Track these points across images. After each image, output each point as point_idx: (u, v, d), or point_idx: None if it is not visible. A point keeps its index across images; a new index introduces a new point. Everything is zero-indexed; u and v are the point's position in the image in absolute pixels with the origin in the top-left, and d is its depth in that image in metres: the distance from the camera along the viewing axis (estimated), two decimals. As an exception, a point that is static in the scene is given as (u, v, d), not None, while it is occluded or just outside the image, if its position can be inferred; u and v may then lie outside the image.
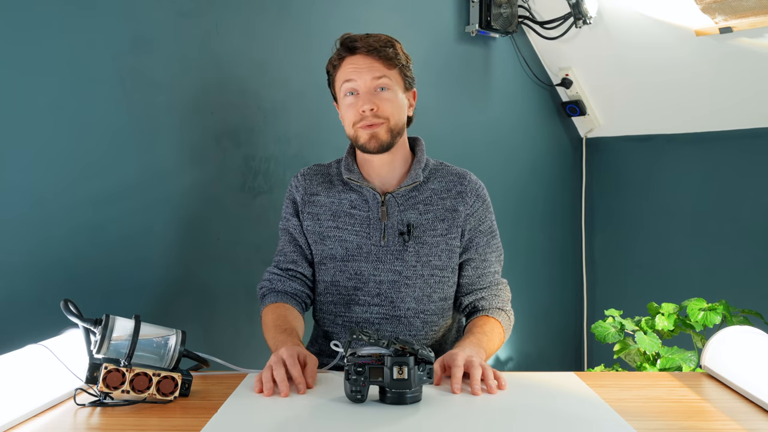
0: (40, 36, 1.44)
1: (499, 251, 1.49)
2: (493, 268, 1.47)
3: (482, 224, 1.45)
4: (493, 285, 1.46)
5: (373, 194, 1.41)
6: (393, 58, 1.36)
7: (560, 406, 1.08)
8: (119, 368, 1.07)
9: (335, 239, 1.42)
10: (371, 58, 1.35)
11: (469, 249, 1.44)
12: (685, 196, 2.53)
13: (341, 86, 1.38)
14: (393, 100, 1.37)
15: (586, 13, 2.31)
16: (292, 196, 1.47)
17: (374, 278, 1.40)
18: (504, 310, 1.44)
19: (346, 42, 1.37)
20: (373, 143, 1.36)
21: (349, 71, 1.36)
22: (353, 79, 1.35)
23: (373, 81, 1.35)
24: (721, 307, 1.76)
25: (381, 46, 1.35)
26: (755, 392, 1.09)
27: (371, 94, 1.35)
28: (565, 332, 2.88)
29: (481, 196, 1.45)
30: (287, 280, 1.45)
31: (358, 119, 1.36)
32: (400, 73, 1.39)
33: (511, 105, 2.62)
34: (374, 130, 1.35)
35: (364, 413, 1.04)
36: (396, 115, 1.37)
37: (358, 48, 1.35)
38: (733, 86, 2.24)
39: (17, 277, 1.43)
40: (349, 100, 1.37)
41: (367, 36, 1.37)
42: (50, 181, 1.47)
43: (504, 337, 1.42)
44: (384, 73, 1.36)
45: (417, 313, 1.41)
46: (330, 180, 1.46)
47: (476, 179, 1.47)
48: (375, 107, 1.34)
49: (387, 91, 1.36)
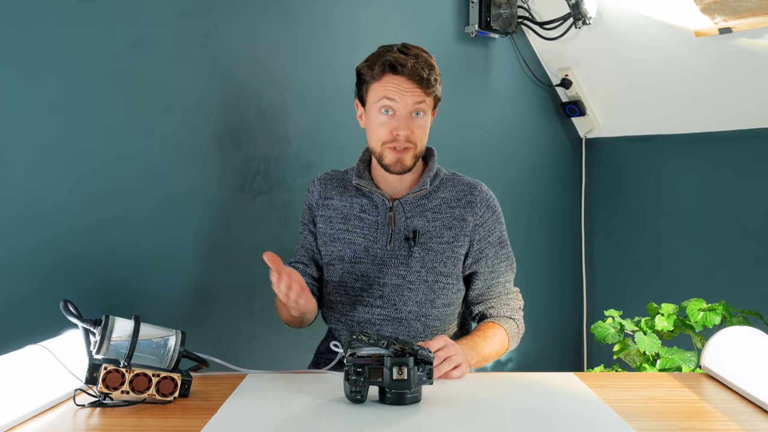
0: (40, 35, 1.44)
1: (510, 260, 1.50)
2: (503, 278, 1.49)
3: (491, 235, 1.46)
4: (504, 294, 1.49)
5: (382, 200, 1.43)
6: (433, 84, 1.36)
7: (560, 406, 1.08)
8: (119, 369, 1.07)
9: (344, 241, 1.44)
10: (414, 83, 1.34)
11: (479, 261, 1.45)
12: (685, 196, 2.53)
13: (378, 100, 1.36)
14: (424, 127, 1.39)
15: (585, 14, 2.31)
16: (309, 201, 1.52)
17: (378, 281, 1.42)
18: (513, 319, 1.46)
19: (395, 63, 1.33)
20: (398, 167, 1.38)
21: (391, 90, 1.34)
22: (394, 99, 1.34)
23: (414, 105, 1.35)
24: (720, 308, 1.76)
25: (426, 75, 1.34)
26: (755, 393, 1.09)
27: (408, 119, 1.36)
28: (564, 333, 2.88)
29: (491, 207, 1.46)
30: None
31: (390, 140, 1.37)
32: (433, 97, 1.39)
33: (510, 105, 2.62)
34: (402, 155, 1.37)
35: (363, 413, 1.04)
36: (423, 140, 1.40)
37: (402, 72, 1.34)
38: (733, 87, 2.25)
39: (17, 277, 1.43)
40: (383, 119, 1.37)
41: (414, 57, 1.34)
42: (50, 181, 1.47)
43: (508, 344, 1.43)
44: (423, 99, 1.36)
45: (418, 317, 1.42)
46: (344, 185, 1.49)
47: (487, 190, 1.48)
48: (410, 132, 1.36)
49: (422, 117, 1.37)
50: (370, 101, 1.39)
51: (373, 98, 1.37)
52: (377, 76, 1.36)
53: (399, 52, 1.35)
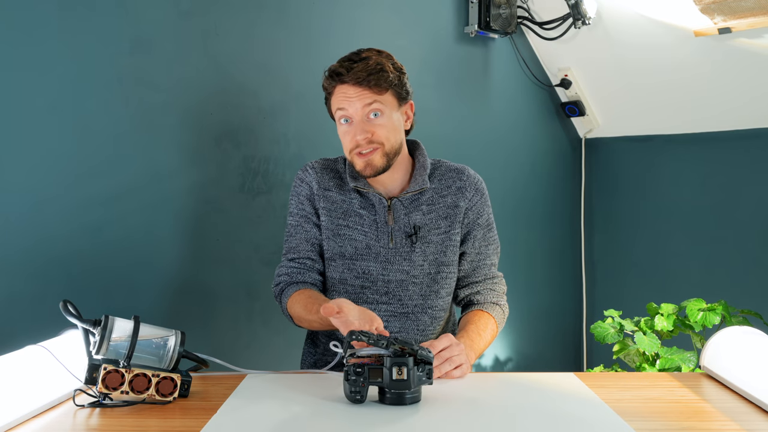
0: (40, 36, 1.44)
1: (496, 244, 1.52)
2: (490, 261, 1.51)
3: (480, 217, 1.48)
4: (489, 278, 1.50)
5: (379, 199, 1.43)
6: (384, 81, 1.35)
7: (559, 406, 1.08)
8: (118, 369, 1.06)
9: (346, 237, 1.43)
10: (361, 87, 1.34)
11: (466, 241, 1.48)
12: (684, 196, 2.53)
13: (335, 113, 1.39)
14: (386, 125, 1.37)
15: (585, 14, 2.31)
16: (307, 187, 1.45)
17: (383, 278, 1.42)
18: (498, 305, 1.48)
19: (336, 71, 1.36)
20: (368, 170, 1.38)
21: (341, 100, 1.36)
22: (345, 108, 1.36)
23: (365, 108, 1.35)
24: (720, 308, 1.76)
25: (368, 75, 1.33)
26: (754, 393, 1.09)
27: (364, 122, 1.36)
28: (564, 333, 2.88)
29: (479, 190, 1.48)
30: (306, 271, 1.44)
31: (354, 146, 1.37)
32: (393, 92, 1.38)
33: (510, 105, 2.62)
34: (369, 157, 1.37)
35: (363, 414, 1.04)
36: (391, 138, 1.38)
37: (345, 79, 1.35)
38: (732, 87, 2.25)
39: (17, 277, 1.43)
40: (344, 128, 1.39)
41: (353, 63, 1.35)
42: (49, 181, 1.47)
43: (496, 332, 1.46)
44: (375, 99, 1.35)
45: (425, 309, 1.44)
46: (340, 177, 1.47)
47: (474, 173, 1.50)
48: (369, 134, 1.36)
49: (380, 117, 1.36)
50: (333, 114, 1.42)
51: (333, 111, 1.40)
52: (330, 90, 1.39)
53: (344, 60, 1.37)
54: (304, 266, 1.44)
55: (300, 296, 1.38)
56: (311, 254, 1.44)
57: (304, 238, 1.45)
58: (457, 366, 1.22)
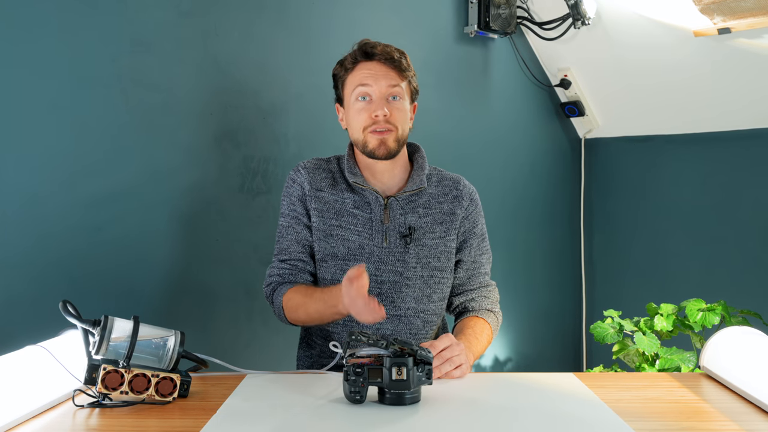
0: (39, 36, 1.44)
1: (489, 253, 1.54)
2: (484, 270, 1.52)
3: (476, 227, 1.50)
4: (483, 286, 1.51)
5: (375, 197, 1.42)
6: (406, 69, 1.40)
7: (559, 406, 1.08)
8: (118, 369, 1.06)
9: (338, 238, 1.42)
10: (387, 67, 1.38)
11: (462, 250, 1.49)
12: (684, 196, 2.53)
13: (353, 90, 1.39)
14: (403, 110, 1.40)
15: (584, 14, 2.31)
16: (299, 192, 1.44)
17: (376, 278, 1.41)
18: (493, 312, 1.49)
19: (365, 47, 1.39)
20: (382, 150, 1.39)
21: (365, 76, 1.38)
22: (369, 84, 1.38)
23: (388, 89, 1.38)
24: (719, 308, 1.76)
25: (397, 57, 1.39)
26: (754, 393, 1.09)
27: (385, 101, 1.38)
28: (563, 333, 2.88)
29: (474, 200, 1.51)
30: (297, 272, 1.44)
31: (370, 123, 1.38)
32: (409, 85, 1.43)
33: (509, 106, 2.62)
34: (384, 136, 1.38)
35: (363, 414, 1.04)
36: (404, 124, 1.41)
37: (376, 55, 1.38)
38: (732, 87, 2.25)
39: (16, 277, 1.43)
40: (360, 105, 1.39)
41: (383, 45, 1.40)
42: (49, 181, 1.47)
43: (492, 338, 1.47)
44: (398, 83, 1.39)
45: (417, 313, 1.44)
46: (333, 177, 1.46)
47: (469, 184, 1.53)
48: (388, 113, 1.37)
49: (399, 101, 1.40)
50: (347, 94, 1.42)
51: (350, 89, 1.40)
52: (351, 68, 1.40)
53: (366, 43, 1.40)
54: (296, 268, 1.44)
55: (297, 288, 1.40)
56: (302, 256, 1.44)
57: (295, 240, 1.44)
58: (457, 366, 1.23)
